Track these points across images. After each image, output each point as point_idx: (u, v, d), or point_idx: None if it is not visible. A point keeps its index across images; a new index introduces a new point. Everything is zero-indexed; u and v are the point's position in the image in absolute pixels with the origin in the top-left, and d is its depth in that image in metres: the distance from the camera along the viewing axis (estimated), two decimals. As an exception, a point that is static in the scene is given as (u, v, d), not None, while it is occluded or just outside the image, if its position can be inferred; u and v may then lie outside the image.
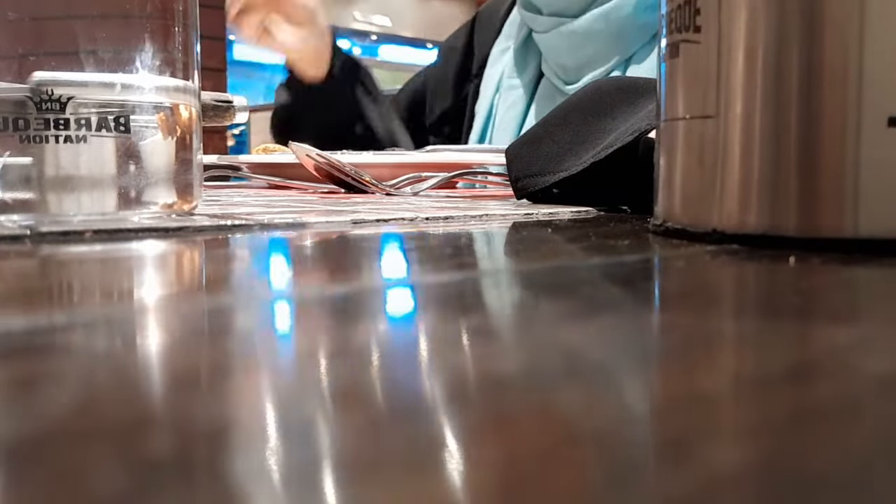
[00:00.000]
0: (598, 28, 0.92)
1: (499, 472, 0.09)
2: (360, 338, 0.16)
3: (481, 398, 0.12)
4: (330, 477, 0.09)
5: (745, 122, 0.28)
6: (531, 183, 0.51)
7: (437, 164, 0.70)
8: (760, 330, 0.17)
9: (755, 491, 0.09)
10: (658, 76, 0.33)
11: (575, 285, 0.23)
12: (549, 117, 0.54)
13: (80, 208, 0.33)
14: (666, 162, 0.32)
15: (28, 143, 0.32)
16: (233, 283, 0.24)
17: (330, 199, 0.54)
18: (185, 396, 0.12)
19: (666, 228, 0.32)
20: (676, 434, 0.10)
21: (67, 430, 0.10)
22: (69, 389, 0.12)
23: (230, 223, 0.34)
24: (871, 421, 0.11)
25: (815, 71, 0.27)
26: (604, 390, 0.13)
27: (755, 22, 0.28)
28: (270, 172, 0.75)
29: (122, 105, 0.33)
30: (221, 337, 0.16)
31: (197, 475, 0.09)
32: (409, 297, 0.21)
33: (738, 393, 0.12)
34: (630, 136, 0.44)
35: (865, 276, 0.24)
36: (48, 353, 0.14)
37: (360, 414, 0.11)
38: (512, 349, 0.15)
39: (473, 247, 0.33)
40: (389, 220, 0.38)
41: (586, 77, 0.94)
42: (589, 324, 0.17)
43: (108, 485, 0.09)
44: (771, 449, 0.10)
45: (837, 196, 0.27)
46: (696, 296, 0.21)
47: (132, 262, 0.26)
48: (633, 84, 0.53)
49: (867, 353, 0.15)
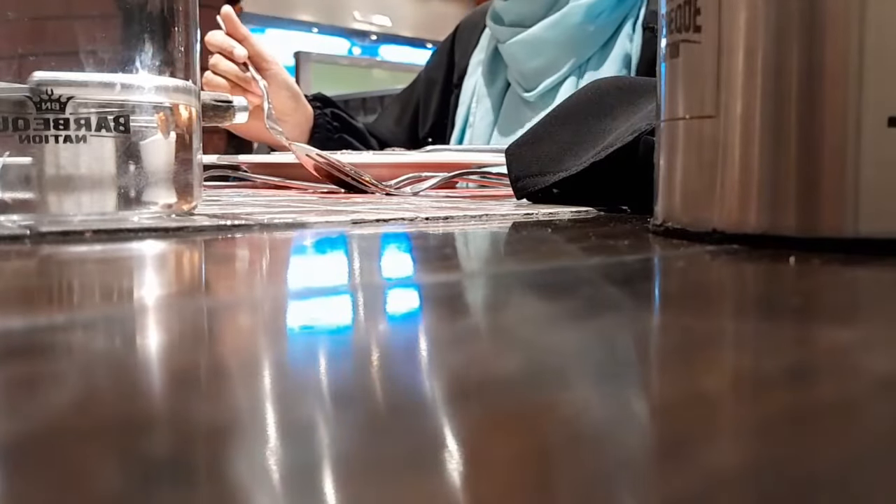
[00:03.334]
0: (550, 36, 0.96)
1: (498, 472, 0.09)
2: (361, 337, 0.16)
3: (480, 398, 0.12)
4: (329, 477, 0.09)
5: (745, 122, 0.28)
6: (531, 183, 0.51)
7: (437, 164, 0.70)
8: (760, 330, 0.17)
9: (755, 491, 0.09)
10: (658, 76, 0.33)
11: (575, 285, 0.23)
12: (549, 117, 0.54)
13: (80, 208, 0.33)
14: (666, 162, 0.32)
15: (28, 143, 0.32)
16: (232, 283, 0.24)
17: (330, 199, 0.54)
18: (185, 396, 0.12)
19: (666, 228, 0.32)
20: (676, 434, 0.10)
21: (67, 429, 0.10)
22: (69, 389, 0.12)
23: (230, 223, 0.34)
24: (871, 421, 0.11)
25: (815, 71, 0.27)
26: (603, 390, 0.13)
27: (755, 22, 0.28)
28: (270, 172, 0.75)
29: (122, 105, 0.33)
30: (221, 337, 0.16)
31: (198, 475, 0.09)
32: (408, 297, 0.21)
33: (738, 393, 0.12)
34: (630, 136, 0.44)
35: (865, 276, 0.24)
36: (48, 353, 0.14)
37: (359, 413, 0.11)
38: (511, 349, 0.15)
39: (473, 247, 0.33)
40: (389, 220, 0.38)
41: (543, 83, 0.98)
42: (589, 324, 0.17)
43: (109, 484, 0.09)
44: (770, 449, 0.10)
45: (837, 196, 0.27)
46: (695, 296, 0.22)
47: (132, 262, 0.26)
48: (632, 84, 0.53)
49: (867, 353, 0.15)
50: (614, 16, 0.94)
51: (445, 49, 1.21)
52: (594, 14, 0.94)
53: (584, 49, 0.95)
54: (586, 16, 0.94)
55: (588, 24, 0.94)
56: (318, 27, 3.82)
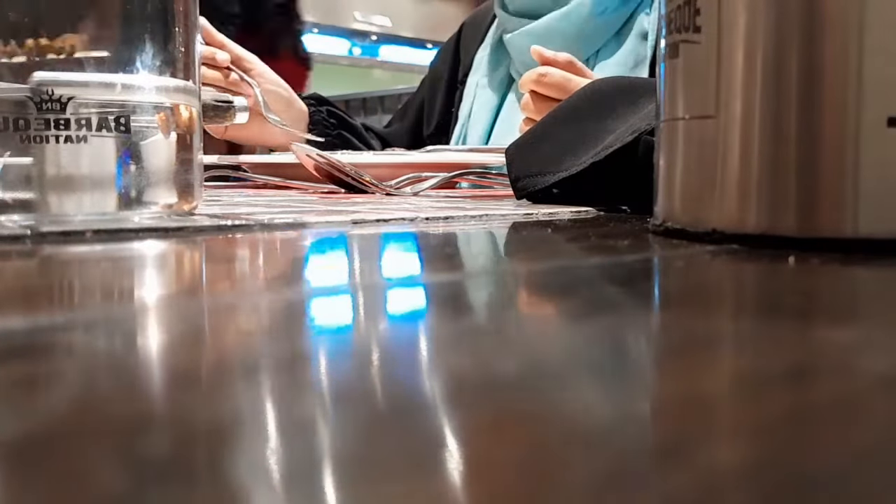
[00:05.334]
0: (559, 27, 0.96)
1: (498, 472, 0.09)
2: (361, 337, 0.16)
3: (480, 398, 0.12)
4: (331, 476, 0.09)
5: (745, 122, 0.28)
6: (531, 183, 0.51)
7: (437, 164, 0.70)
8: (760, 330, 0.17)
9: (755, 491, 0.09)
10: (658, 76, 0.33)
11: (575, 285, 0.23)
12: (549, 117, 0.54)
13: (81, 208, 0.33)
14: (666, 162, 0.32)
15: (28, 143, 0.32)
16: (232, 283, 0.24)
17: (330, 199, 0.54)
18: (185, 396, 0.12)
19: (666, 228, 0.32)
20: (676, 434, 0.10)
21: (68, 429, 0.10)
22: (69, 389, 0.12)
23: (230, 223, 0.34)
24: (871, 421, 0.11)
25: (815, 71, 0.27)
26: (603, 390, 0.13)
27: (755, 22, 0.28)
28: (270, 172, 0.75)
29: (123, 105, 0.33)
30: (221, 337, 0.16)
31: (198, 475, 0.09)
32: (408, 297, 0.21)
33: (738, 393, 0.12)
34: (630, 137, 0.44)
35: (865, 276, 0.24)
36: (48, 353, 0.14)
37: (359, 413, 0.11)
38: (511, 349, 0.15)
39: (473, 247, 0.33)
40: (389, 220, 0.38)
41: None
42: (588, 324, 0.17)
43: (108, 484, 0.09)
44: (770, 449, 0.10)
45: (837, 196, 0.27)
46: (695, 296, 0.22)
47: (132, 262, 0.26)
48: (632, 84, 0.53)
49: (867, 353, 0.15)
50: (623, 9, 0.94)
51: (450, 47, 1.21)
52: (603, 6, 0.93)
53: (593, 42, 0.95)
54: (595, 7, 0.93)
55: (597, 16, 0.94)
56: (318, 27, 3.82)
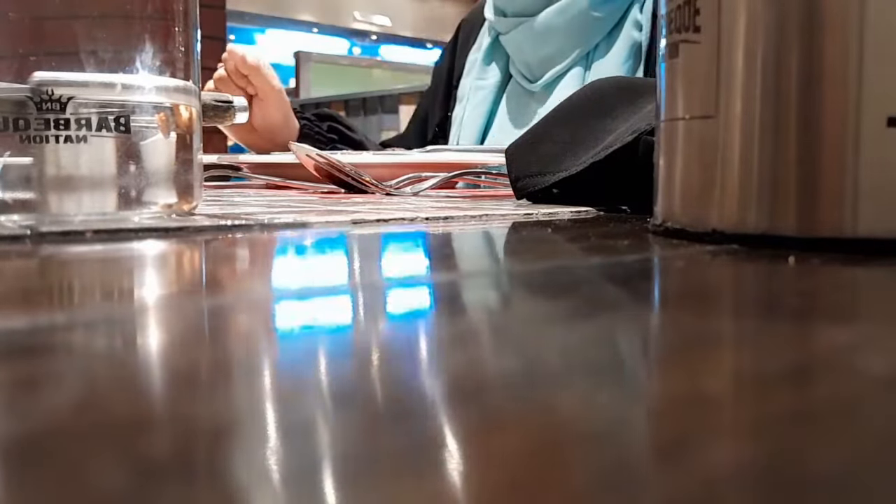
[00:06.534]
0: (556, 23, 0.96)
1: (497, 472, 0.09)
2: (361, 337, 0.16)
3: (480, 398, 0.12)
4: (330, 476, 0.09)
5: (745, 122, 0.28)
6: (531, 183, 0.51)
7: (437, 164, 0.70)
8: (760, 330, 0.17)
9: (755, 491, 0.09)
10: (658, 76, 0.33)
11: (574, 285, 0.23)
12: (549, 117, 0.54)
13: (81, 208, 0.33)
14: (666, 162, 0.32)
15: (28, 143, 0.32)
16: (232, 283, 0.24)
17: (330, 199, 0.54)
18: (185, 396, 0.12)
19: (666, 228, 0.32)
20: (676, 434, 0.10)
21: (68, 429, 0.10)
22: (69, 389, 0.12)
23: (230, 223, 0.34)
24: (871, 421, 0.11)
25: (815, 71, 0.27)
26: (603, 390, 0.13)
27: (755, 22, 0.28)
28: (270, 172, 0.75)
29: (123, 105, 0.33)
30: (221, 337, 0.16)
31: (198, 475, 0.09)
32: (408, 297, 0.21)
33: (738, 393, 0.12)
34: (629, 137, 0.44)
35: (865, 276, 0.24)
36: (48, 353, 0.14)
37: (359, 413, 0.11)
38: (511, 349, 0.15)
39: (473, 247, 0.33)
40: (389, 220, 0.38)
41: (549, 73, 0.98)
42: (588, 324, 0.17)
43: (109, 484, 0.09)
44: (770, 449, 0.10)
45: (837, 196, 0.27)
46: (695, 296, 0.22)
47: (132, 262, 0.26)
48: (632, 84, 0.53)
49: (867, 353, 0.15)
50: (619, 2, 0.94)
51: (449, 48, 1.22)
52: (599, 1, 0.94)
53: (591, 36, 0.95)
54: (592, 2, 0.94)
55: (595, 10, 0.94)
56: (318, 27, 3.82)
